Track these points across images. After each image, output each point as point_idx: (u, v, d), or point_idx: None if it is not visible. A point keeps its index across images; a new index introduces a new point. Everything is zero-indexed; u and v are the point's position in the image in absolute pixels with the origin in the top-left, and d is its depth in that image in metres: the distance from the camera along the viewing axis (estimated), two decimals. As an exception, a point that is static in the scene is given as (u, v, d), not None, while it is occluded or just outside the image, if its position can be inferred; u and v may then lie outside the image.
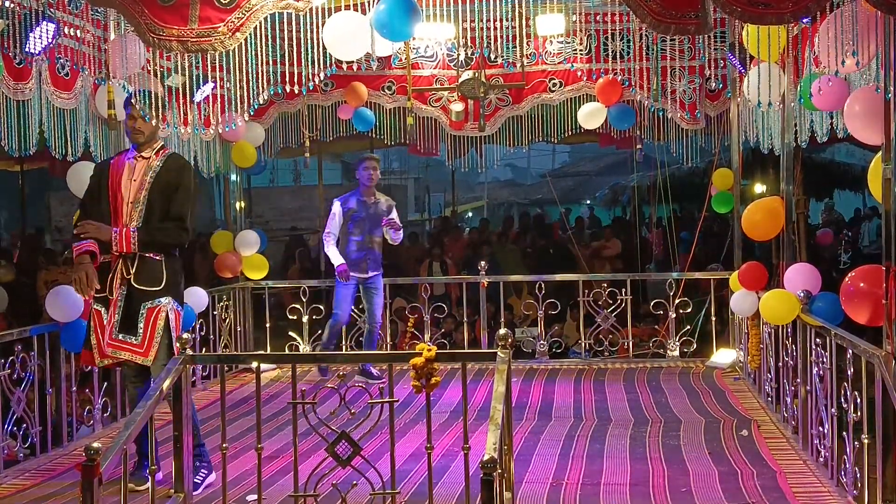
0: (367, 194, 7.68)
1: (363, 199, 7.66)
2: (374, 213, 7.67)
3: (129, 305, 5.00)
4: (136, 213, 5.04)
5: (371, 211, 7.66)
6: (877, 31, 4.29)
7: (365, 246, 7.66)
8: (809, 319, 5.36)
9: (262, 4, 5.00)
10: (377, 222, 7.66)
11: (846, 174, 17.46)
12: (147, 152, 5.16)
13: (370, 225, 7.65)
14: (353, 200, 7.69)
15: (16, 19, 5.32)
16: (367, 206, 7.65)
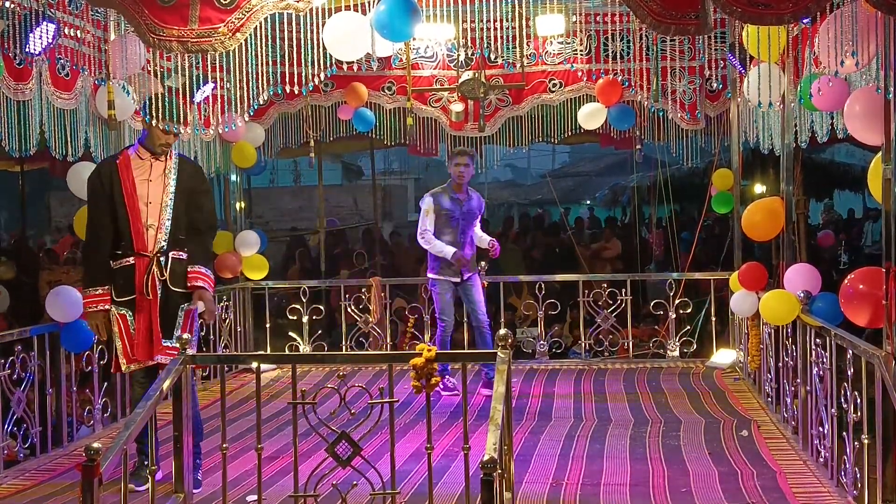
0: (460, 191, 7.25)
1: (456, 196, 7.22)
2: (466, 210, 7.25)
3: (167, 309, 5.03)
4: (162, 215, 5.05)
5: (465, 209, 7.24)
6: (877, 32, 4.29)
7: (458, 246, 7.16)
8: (809, 320, 5.36)
9: (263, 5, 5.00)
10: (470, 221, 7.28)
11: (846, 174, 17.46)
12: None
13: (463, 224, 7.21)
14: (444, 198, 7.22)
15: (16, 19, 5.32)
16: (461, 204, 7.22)
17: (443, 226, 7.15)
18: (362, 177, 24.09)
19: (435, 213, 7.17)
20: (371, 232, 15.90)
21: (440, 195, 7.23)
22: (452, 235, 7.14)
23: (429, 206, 7.20)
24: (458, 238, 7.14)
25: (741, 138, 7.83)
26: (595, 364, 8.25)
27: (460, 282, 7.19)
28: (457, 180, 7.21)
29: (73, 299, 5.92)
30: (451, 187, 7.23)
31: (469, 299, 7.31)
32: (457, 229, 7.17)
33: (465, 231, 7.21)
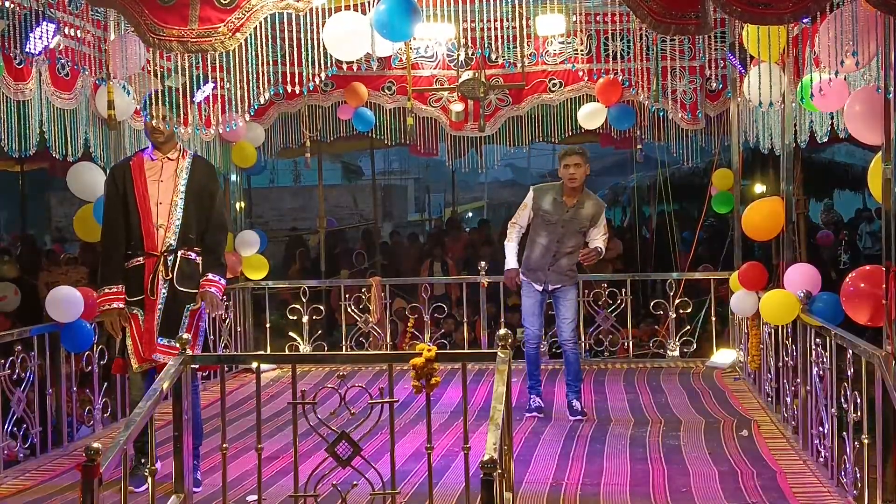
0: (570, 195, 6.44)
1: (561, 199, 6.45)
2: (571, 218, 6.43)
3: (173, 308, 5.05)
4: (172, 215, 5.10)
5: (568, 216, 6.43)
6: (877, 31, 4.29)
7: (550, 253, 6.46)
8: (809, 319, 5.36)
9: (263, 5, 5.00)
10: (573, 231, 6.44)
11: (846, 174, 17.45)
12: (172, 153, 5.26)
13: (562, 233, 6.43)
14: (548, 197, 6.48)
15: (16, 19, 5.32)
16: (564, 210, 6.44)
17: (539, 228, 6.50)
18: (362, 177, 24.11)
19: (532, 211, 6.52)
20: (371, 232, 15.92)
21: (545, 193, 6.51)
22: (546, 241, 6.45)
23: (527, 201, 6.56)
24: (552, 245, 6.43)
25: (741, 138, 7.84)
26: (595, 364, 8.25)
27: (543, 291, 6.53)
28: (568, 184, 6.42)
29: (73, 299, 5.92)
30: (562, 188, 6.47)
31: (556, 313, 6.63)
32: (553, 237, 6.43)
33: (563, 240, 6.41)
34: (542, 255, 6.45)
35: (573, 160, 6.37)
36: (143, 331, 5.04)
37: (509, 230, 6.63)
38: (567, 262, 6.45)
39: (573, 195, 6.41)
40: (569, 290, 6.52)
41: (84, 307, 5.96)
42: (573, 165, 6.35)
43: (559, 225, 6.40)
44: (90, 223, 6.32)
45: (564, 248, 6.41)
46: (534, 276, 6.49)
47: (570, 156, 6.41)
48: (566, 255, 6.43)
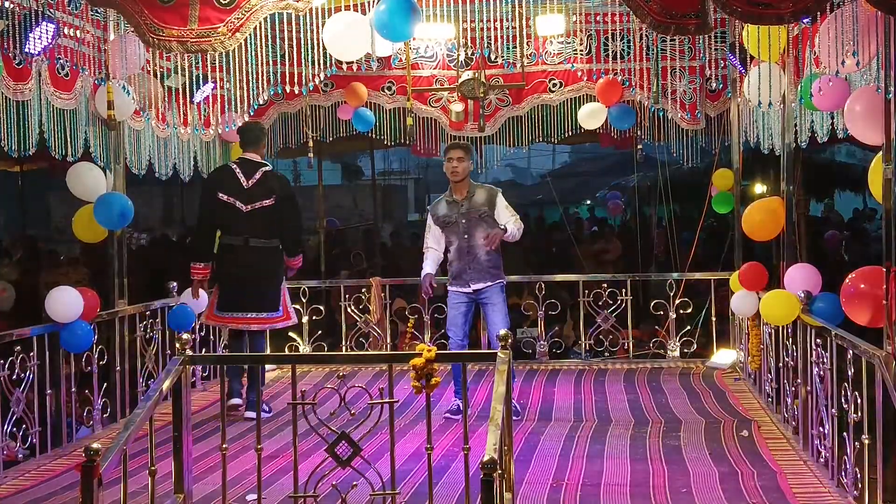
0: (458, 192, 6.53)
1: (453, 198, 6.54)
2: (466, 210, 6.48)
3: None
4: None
5: (463, 209, 6.48)
6: (877, 31, 4.29)
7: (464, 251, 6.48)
8: (810, 320, 5.36)
9: (262, 5, 5.00)
10: (475, 222, 6.46)
11: (846, 174, 17.46)
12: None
13: (466, 226, 6.46)
14: (441, 205, 6.61)
15: (16, 19, 5.31)
16: (458, 206, 6.50)
17: (449, 234, 6.53)
18: (362, 177, 24.12)
19: (436, 226, 6.59)
20: (371, 232, 15.91)
21: (437, 203, 6.68)
22: (456, 242, 6.50)
23: (428, 222, 6.71)
24: (462, 243, 6.46)
25: (741, 138, 7.83)
26: (595, 364, 8.25)
27: (469, 296, 6.51)
28: (451, 178, 6.52)
29: (73, 300, 5.91)
30: (450, 189, 6.59)
31: (486, 321, 6.69)
32: (458, 234, 6.48)
33: (469, 234, 6.44)
34: (458, 257, 6.49)
35: (455, 154, 6.45)
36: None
37: (425, 256, 6.62)
38: (484, 256, 6.42)
39: (461, 190, 6.49)
40: (494, 293, 6.47)
41: (84, 307, 5.95)
42: (455, 159, 6.44)
43: (459, 221, 6.45)
44: (90, 224, 6.32)
45: (474, 241, 6.42)
46: (459, 281, 6.50)
47: (453, 150, 6.49)
48: (480, 248, 6.41)
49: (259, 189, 6.66)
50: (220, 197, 6.66)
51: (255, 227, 6.65)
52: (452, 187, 6.55)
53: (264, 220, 6.67)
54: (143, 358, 7.00)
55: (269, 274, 6.73)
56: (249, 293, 6.67)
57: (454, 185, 6.53)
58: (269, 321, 6.80)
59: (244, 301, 6.67)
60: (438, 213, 6.58)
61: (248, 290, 6.67)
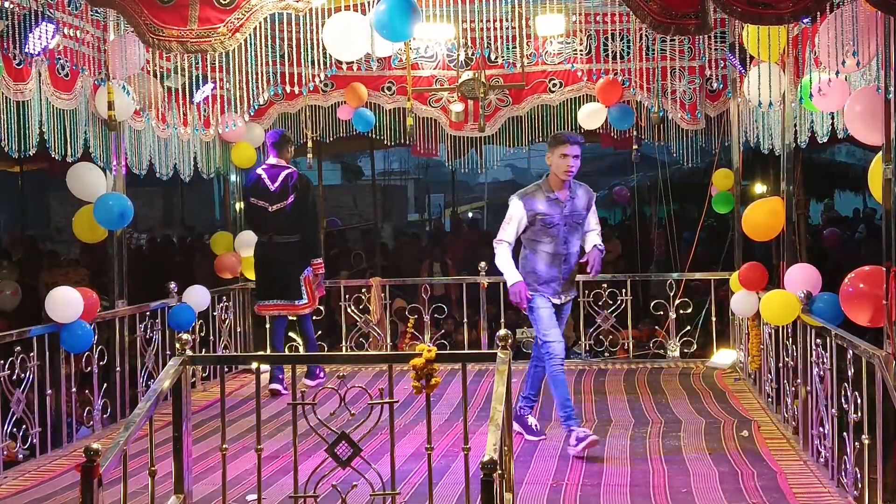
0: (561, 188, 5.72)
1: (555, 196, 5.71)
2: (570, 213, 5.73)
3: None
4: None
5: (567, 211, 5.72)
6: (877, 31, 4.29)
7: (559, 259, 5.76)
8: (810, 320, 5.35)
9: (262, 5, 5.00)
10: (575, 227, 5.77)
11: (846, 174, 17.45)
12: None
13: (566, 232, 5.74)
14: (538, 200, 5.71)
15: (15, 20, 5.32)
16: (562, 205, 5.72)
17: (539, 235, 5.72)
18: (362, 177, 24.12)
19: (528, 220, 5.71)
20: (371, 232, 15.92)
21: (534, 196, 5.70)
22: (551, 248, 5.72)
23: (514, 212, 5.73)
24: (559, 249, 5.72)
25: (741, 138, 7.83)
26: (595, 364, 8.24)
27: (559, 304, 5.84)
28: (562, 177, 5.66)
29: (73, 300, 5.91)
30: (549, 184, 5.73)
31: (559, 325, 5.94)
32: (557, 240, 5.71)
33: (568, 241, 5.73)
34: (550, 264, 5.71)
35: (575, 150, 5.62)
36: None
37: (499, 249, 5.78)
38: (574, 267, 5.85)
39: (565, 188, 5.71)
40: (569, 304, 5.97)
41: (83, 308, 5.95)
42: (573, 157, 5.61)
43: (561, 224, 5.70)
44: (90, 224, 6.32)
45: (571, 248, 5.77)
46: (549, 288, 5.74)
47: (572, 145, 5.62)
48: (573, 257, 5.80)
49: (282, 190, 7.36)
50: (252, 201, 7.47)
51: (279, 226, 7.41)
52: (552, 182, 5.69)
53: (286, 219, 7.40)
54: (143, 358, 7.00)
55: (292, 266, 7.46)
56: (277, 284, 7.50)
57: (556, 182, 5.69)
58: (295, 308, 7.55)
59: (273, 291, 7.51)
60: (537, 208, 5.67)
61: (277, 281, 7.49)
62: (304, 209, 7.43)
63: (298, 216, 7.41)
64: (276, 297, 7.51)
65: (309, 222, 7.57)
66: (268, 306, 7.58)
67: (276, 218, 7.39)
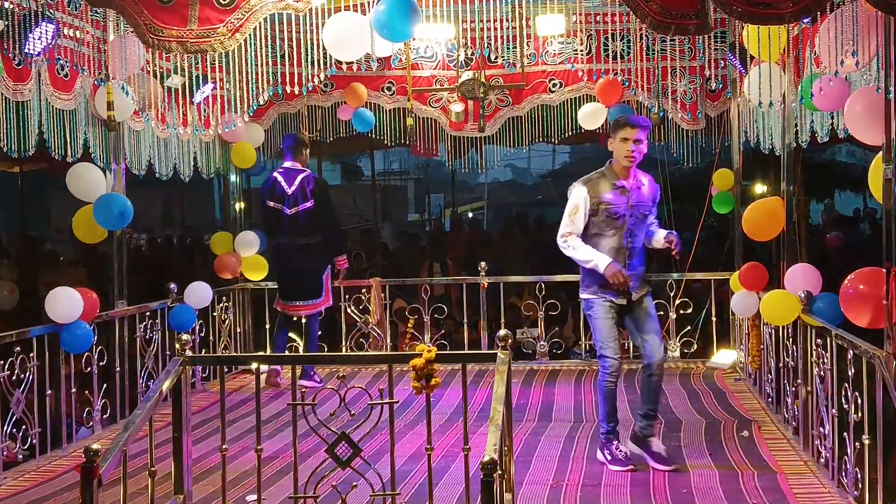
0: (626, 176, 5.26)
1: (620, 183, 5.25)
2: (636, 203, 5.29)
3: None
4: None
5: (633, 201, 5.27)
6: (877, 31, 4.29)
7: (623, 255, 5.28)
8: (810, 320, 5.35)
9: (262, 5, 5.00)
10: (641, 219, 5.31)
11: (846, 174, 17.45)
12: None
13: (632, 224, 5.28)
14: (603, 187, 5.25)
15: (15, 20, 5.31)
16: (628, 195, 5.26)
17: (602, 227, 5.25)
18: (362, 177, 24.11)
19: (591, 209, 5.24)
20: (371, 232, 15.91)
21: (598, 184, 5.24)
22: (616, 239, 5.23)
23: (578, 201, 5.24)
24: (623, 243, 5.24)
25: (741, 138, 7.83)
26: (595, 364, 8.20)
27: (627, 304, 5.32)
28: (624, 162, 5.21)
29: (73, 300, 5.91)
30: (613, 172, 5.28)
31: (640, 328, 5.36)
32: (622, 230, 5.24)
33: (633, 234, 5.26)
34: (614, 259, 5.21)
35: (636, 134, 5.13)
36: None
37: (570, 241, 5.26)
38: (640, 260, 5.33)
39: (630, 175, 5.24)
40: (649, 301, 5.37)
41: (83, 308, 5.95)
42: (634, 141, 5.14)
43: (627, 215, 5.21)
44: (89, 224, 6.32)
45: (636, 242, 5.29)
46: (611, 290, 5.24)
47: (633, 128, 5.13)
48: (639, 252, 5.32)
49: (300, 193, 7.55)
50: (269, 204, 7.62)
51: (298, 228, 7.59)
52: (618, 170, 5.24)
53: (306, 221, 7.58)
54: (142, 358, 7.00)
55: (313, 267, 7.70)
56: (299, 285, 7.74)
57: (621, 169, 5.24)
58: (314, 306, 7.78)
59: (295, 291, 7.75)
60: (602, 195, 5.19)
61: (298, 283, 7.74)
62: (324, 211, 7.63)
63: (320, 218, 7.60)
64: (298, 297, 7.73)
65: (331, 223, 7.79)
66: (288, 306, 7.80)
67: (295, 220, 7.57)
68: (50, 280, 9.88)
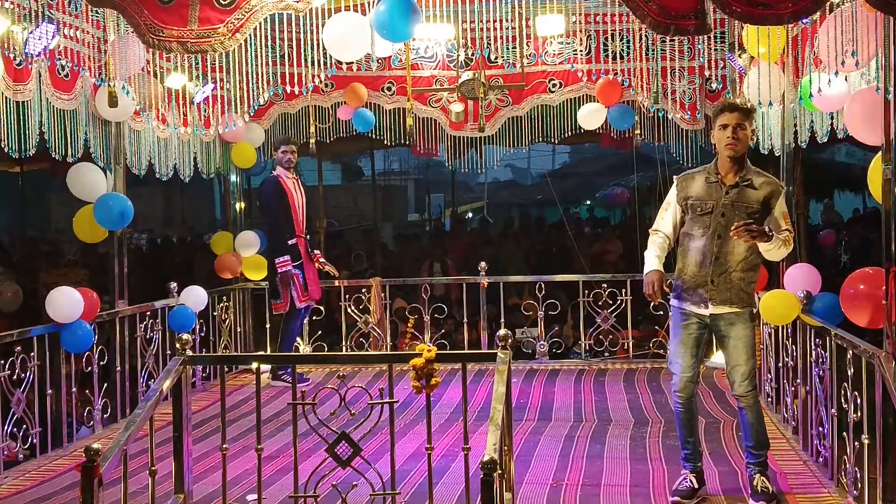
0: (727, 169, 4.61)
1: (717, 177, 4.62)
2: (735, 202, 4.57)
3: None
4: (304, 224, 7.85)
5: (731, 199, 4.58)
6: (877, 32, 4.29)
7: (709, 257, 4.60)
8: (809, 320, 5.36)
9: (262, 5, 5.00)
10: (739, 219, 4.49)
11: (846, 174, 17.45)
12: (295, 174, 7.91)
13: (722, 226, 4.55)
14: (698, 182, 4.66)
15: (15, 20, 5.31)
16: (723, 190, 4.58)
17: (692, 226, 4.66)
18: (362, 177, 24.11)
19: (680, 207, 4.71)
20: (371, 232, 15.92)
21: (692, 178, 4.70)
22: (702, 242, 4.60)
23: (670, 197, 4.79)
24: (710, 244, 4.57)
25: (741, 138, 7.81)
26: (595, 364, 8.25)
27: (701, 320, 4.69)
28: (724, 151, 4.57)
29: (73, 300, 5.92)
30: (715, 164, 4.68)
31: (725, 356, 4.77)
32: (710, 231, 4.58)
33: (726, 236, 4.51)
34: (699, 263, 4.60)
35: (733, 119, 4.51)
36: (305, 281, 7.69)
37: (650, 240, 4.83)
38: (739, 272, 4.56)
39: (734, 169, 4.58)
40: (738, 323, 4.61)
41: (84, 308, 5.96)
42: (733, 127, 4.51)
43: (718, 212, 4.55)
44: (90, 224, 6.32)
45: (729, 245, 4.54)
46: (691, 296, 4.66)
47: (730, 112, 4.53)
48: (736, 260, 4.56)
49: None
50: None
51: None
52: (719, 164, 4.63)
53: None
54: (143, 358, 7.01)
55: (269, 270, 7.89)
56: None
57: (723, 162, 4.61)
58: (274, 307, 7.88)
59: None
60: (690, 190, 4.66)
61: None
62: (262, 215, 8.01)
63: (262, 222, 8.11)
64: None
65: (265, 226, 8.07)
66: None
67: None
68: (50, 280, 9.90)
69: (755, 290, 4.78)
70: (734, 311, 4.61)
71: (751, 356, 4.66)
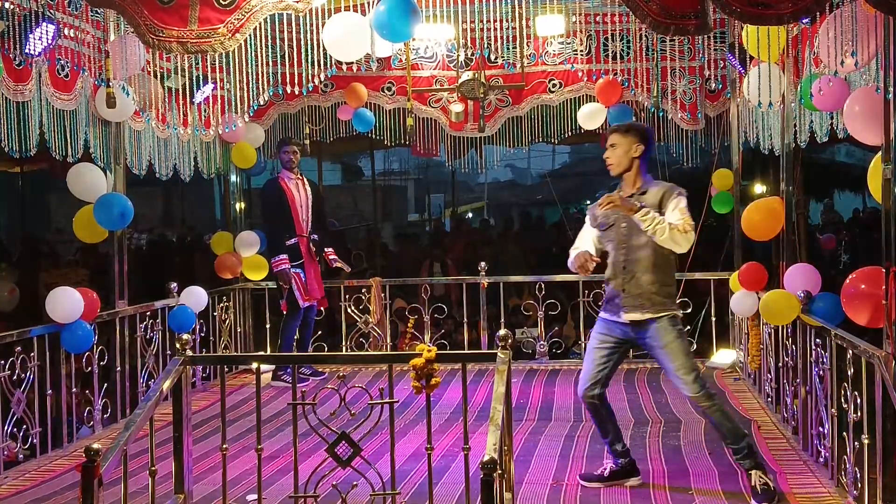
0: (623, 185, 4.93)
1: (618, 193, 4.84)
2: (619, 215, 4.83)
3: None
4: (308, 213, 7.90)
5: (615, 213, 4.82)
6: (877, 31, 4.29)
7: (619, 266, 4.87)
8: (809, 320, 5.36)
9: (262, 5, 5.00)
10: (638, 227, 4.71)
11: (846, 174, 17.46)
12: (298, 174, 7.97)
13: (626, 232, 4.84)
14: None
15: (16, 20, 5.32)
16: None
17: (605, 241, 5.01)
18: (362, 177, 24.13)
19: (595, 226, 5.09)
20: (371, 232, 15.92)
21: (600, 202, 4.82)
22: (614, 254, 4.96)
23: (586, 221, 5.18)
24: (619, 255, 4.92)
25: (741, 138, 7.83)
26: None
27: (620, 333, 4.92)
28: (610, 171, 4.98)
29: (73, 300, 5.92)
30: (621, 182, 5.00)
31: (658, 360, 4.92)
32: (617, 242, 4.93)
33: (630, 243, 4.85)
34: (614, 275, 4.86)
35: (610, 140, 4.88)
36: (306, 280, 7.78)
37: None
38: (648, 276, 4.74)
39: (630, 183, 4.85)
40: (663, 330, 4.74)
41: (84, 308, 5.96)
42: (608, 147, 4.88)
43: (620, 224, 4.83)
44: (90, 224, 6.32)
45: (637, 253, 4.77)
46: (610, 306, 4.90)
47: (610, 134, 4.93)
48: (643, 266, 4.76)
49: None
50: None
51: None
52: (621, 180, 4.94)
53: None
54: (143, 358, 7.01)
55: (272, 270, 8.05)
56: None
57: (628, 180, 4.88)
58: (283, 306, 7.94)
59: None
60: (597, 211, 4.90)
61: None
62: (262, 216, 8.17)
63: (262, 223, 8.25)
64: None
65: (264, 227, 8.24)
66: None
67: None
68: (50, 280, 9.90)
69: (673, 294, 4.89)
70: (649, 317, 4.77)
71: (687, 359, 4.75)
